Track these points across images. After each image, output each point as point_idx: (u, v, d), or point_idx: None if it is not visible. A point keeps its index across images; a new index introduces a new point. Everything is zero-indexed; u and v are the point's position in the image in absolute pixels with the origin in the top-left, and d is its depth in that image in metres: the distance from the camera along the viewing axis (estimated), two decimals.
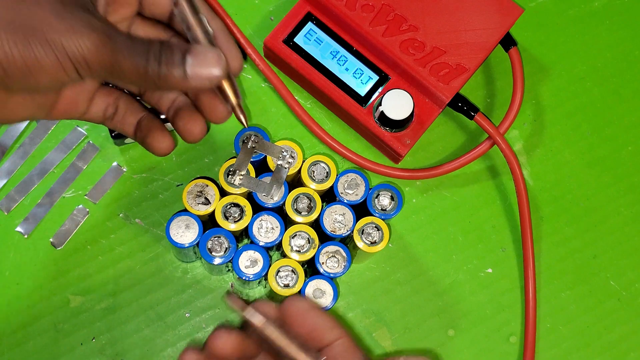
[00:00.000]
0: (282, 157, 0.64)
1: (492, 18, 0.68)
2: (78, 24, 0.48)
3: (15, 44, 0.47)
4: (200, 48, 0.51)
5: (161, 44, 0.51)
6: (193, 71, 0.51)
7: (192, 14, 0.53)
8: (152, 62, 0.50)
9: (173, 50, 0.51)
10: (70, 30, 0.48)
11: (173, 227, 0.63)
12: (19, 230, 0.68)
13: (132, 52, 0.50)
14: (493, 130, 0.69)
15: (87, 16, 0.49)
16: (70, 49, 0.48)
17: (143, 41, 0.51)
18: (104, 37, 0.49)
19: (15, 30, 0.47)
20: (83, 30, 0.48)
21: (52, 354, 0.66)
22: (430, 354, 0.68)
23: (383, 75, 0.69)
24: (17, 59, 0.47)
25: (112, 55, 0.49)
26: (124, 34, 0.51)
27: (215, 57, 0.51)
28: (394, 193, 0.65)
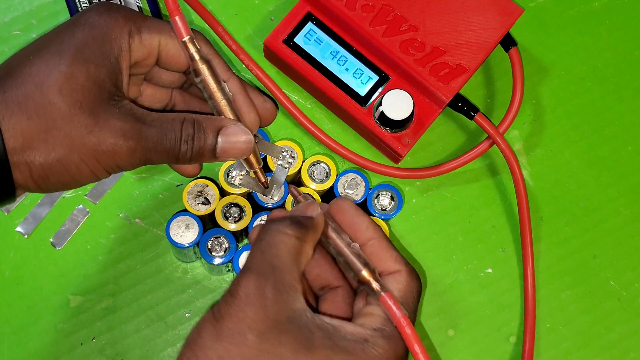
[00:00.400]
0: (282, 157, 0.64)
1: (492, 18, 0.68)
2: (110, 137, 0.51)
3: (51, 166, 0.51)
4: (231, 128, 0.56)
5: (193, 126, 0.54)
6: (223, 151, 0.56)
7: (214, 84, 0.57)
8: (183, 149, 0.54)
9: (206, 135, 0.55)
10: (103, 144, 0.51)
11: (173, 227, 0.63)
12: (19, 230, 0.67)
13: (164, 146, 0.53)
14: (493, 130, 0.68)
15: (117, 122, 0.52)
16: (103, 161, 0.52)
17: (175, 128, 0.54)
18: (135, 141, 0.52)
19: (51, 150, 0.50)
20: (115, 143, 0.51)
21: (52, 354, 0.66)
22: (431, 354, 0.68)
23: (383, 75, 0.68)
24: (52, 177, 0.51)
25: (143, 155, 0.53)
26: (155, 123, 0.53)
27: (245, 138, 0.56)
28: (393, 193, 0.65)
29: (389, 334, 0.51)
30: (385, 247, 0.55)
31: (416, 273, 0.55)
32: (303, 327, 0.49)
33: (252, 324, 0.48)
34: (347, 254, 0.53)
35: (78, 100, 0.51)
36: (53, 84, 0.50)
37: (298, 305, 0.49)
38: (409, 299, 0.53)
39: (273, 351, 0.48)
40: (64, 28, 0.54)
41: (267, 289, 0.49)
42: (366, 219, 0.56)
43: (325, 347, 0.48)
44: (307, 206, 0.55)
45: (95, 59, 0.52)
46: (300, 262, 0.51)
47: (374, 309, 0.53)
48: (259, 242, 0.52)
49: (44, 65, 0.51)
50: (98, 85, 0.52)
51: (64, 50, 0.52)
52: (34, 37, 0.70)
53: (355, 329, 0.50)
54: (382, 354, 0.50)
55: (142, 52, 0.55)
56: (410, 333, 0.50)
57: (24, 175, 0.51)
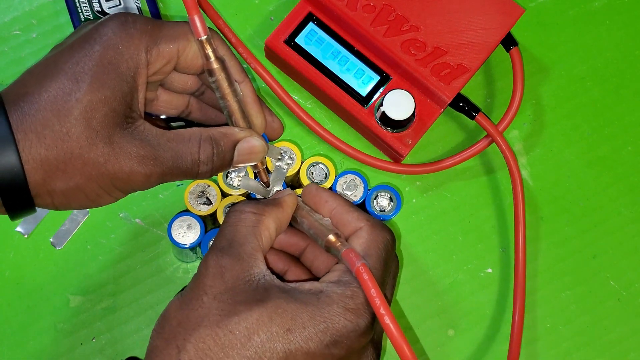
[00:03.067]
0: (281, 159, 0.64)
1: (493, 18, 0.68)
2: (126, 165, 0.53)
3: (72, 193, 0.52)
4: (247, 142, 0.58)
5: (212, 146, 0.56)
6: (239, 162, 0.58)
7: (227, 86, 0.58)
8: (202, 170, 0.56)
9: (225, 153, 0.57)
10: (120, 172, 0.52)
11: (175, 228, 0.62)
12: (19, 230, 0.67)
13: (181, 168, 0.55)
14: (492, 128, 0.68)
15: (133, 148, 0.53)
16: (120, 186, 0.53)
17: (192, 148, 0.55)
18: (151, 167, 0.53)
19: (70, 178, 0.52)
20: (131, 170, 0.53)
21: (52, 354, 0.66)
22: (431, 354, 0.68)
23: (384, 76, 0.68)
24: (73, 203, 0.53)
25: (160, 178, 0.55)
26: (171, 144, 0.54)
27: (259, 148, 0.58)
28: (392, 194, 0.65)
29: (344, 282, 0.53)
30: (346, 211, 0.58)
31: (381, 224, 0.57)
32: (260, 287, 0.52)
33: (209, 289, 0.51)
34: (315, 226, 0.57)
35: (94, 129, 0.51)
36: (70, 113, 0.51)
37: (256, 270, 0.53)
38: (372, 250, 0.55)
39: (227, 309, 0.50)
40: (78, 46, 0.53)
41: (223, 260, 0.52)
42: (325, 193, 0.59)
43: (279, 299, 0.51)
44: (277, 192, 0.61)
45: (110, 82, 0.52)
46: (259, 233, 0.55)
47: (336, 267, 0.55)
48: (222, 225, 0.56)
49: (60, 92, 0.51)
50: (113, 110, 0.52)
51: (80, 76, 0.52)
52: (34, 37, 0.71)
53: (313, 285, 0.53)
54: (336, 301, 0.51)
55: (161, 63, 0.56)
56: (367, 279, 0.52)
57: (46, 202, 0.53)
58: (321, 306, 0.51)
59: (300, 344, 0.50)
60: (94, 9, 0.70)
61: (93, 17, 0.69)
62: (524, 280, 0.68)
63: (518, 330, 0.67)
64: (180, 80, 0.61)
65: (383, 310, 0.51)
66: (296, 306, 0.51)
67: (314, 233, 0.57)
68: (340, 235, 0.56)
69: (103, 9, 0.70)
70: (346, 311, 0.51)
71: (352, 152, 0.69)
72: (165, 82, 0.60)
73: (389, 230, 0.57)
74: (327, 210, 0.58)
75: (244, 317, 0.50)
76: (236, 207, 0.57)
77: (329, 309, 0.51)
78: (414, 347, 0.68)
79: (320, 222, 0.57)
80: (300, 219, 0.59)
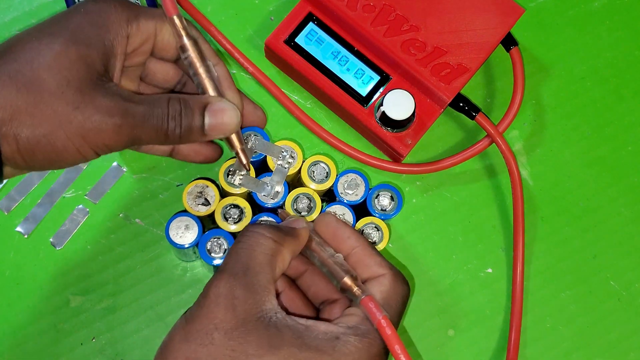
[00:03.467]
0: (282, 157, 0.64)
1: (493, 18, 0.68)
2: (95, 114, 0.52)
3: (38, 140, 0.51)
4: (217, 104, 0.57)
5: (180, 103, 0.55)
6: (211, 127, 0.57)
7: (199, 60, 0.58)
8: (171, 126, 0.55)
9: (193, 111, 0.56)
10: (88, 121, 0.52)
11: (173, 228, 0.62)
12: (19, 230, 0.67)
13: (151, 123, 0.54)
14: (492, 129, 0.68)
15: (104, 99, 0.53)
16: (89, 139, 0.52)
17: (161, 105, 0.55)
18: (122, 118, 0.53)
19: (38, 124, 0.51)
20: (101, 120, 0.52)
21: (52, 354, 0.66)
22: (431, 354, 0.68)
23: (384, 76, 0.68)
24: (39, 153, 0.52)
25: (131, 132, 0.54)
26: (141, 102, 0.54)
27: (231, 113, 0.57)
28: (393, 193, 0.65)
29: (362, 331, 0.51)
30: (368, 254, 0.56)
31: (402, 276, 0.56)
32: (271, 327, 0.50)
33: (220, 323, 0.49)
34: (329, 264, 0.55)
35: (66, 78, 0.52)
36: (43, 61, 0.52)
37: (268, 306, 0.51)
38: (392, 301, 0.54)
39: (239, 349, 0.49)
40: (62, 14, 0.55)
41: (237, 290, 0.50)
42: (347, 229, 0.58)
43: (292, 345, 0.49)
44: (293, 220, 0.58)
45: (87, 40, 0.54)
46: (275, 264, 0.53)
47: (353, 310, 0.54)
48: (237, 244, 0.54)
49: (37, 43, 0.53)
50: (87, 65, 0.53)
51: (59, 32, 0.53)
52: None
53: (328, 328, 0.51)
54: (352, 351, 0.50)
55: (140, 38, 0.57)
56: (390, 334, 0.51)
57: (12, 148, 0.51)
58: (337, 356, 0.49)
59: None
60: None
61: None
62: (522, 281, 0.68)
63: (516, 330, 0.67)
64: (161, 70, 0.61)
65: None
66: (311, 355, 0.49)
67: (328, 271, 0.55)
68: (356, 277, 0.54)
69: None
70: None
71: (352, 152, 0.69)
72: (147, 75, 0.61)
73: (407, 282, 0.56)
74: (347, 248, 0.57)
75: None
76: (256, 229, 0.55)
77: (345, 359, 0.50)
78: (413, 348, 0.68)
79: (335, 260, 0.55)
80: (310, 252, 0.57)
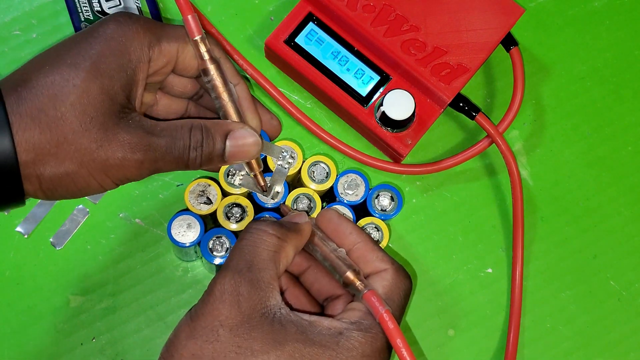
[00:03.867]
0: (282, 158, 0.64)
1: (493, 18, 0.68)
2: (118, 151, 0.52)
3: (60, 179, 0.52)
4: (239, 132, 0.57)
5: (202, 132, 0.55)
6: (232, 154, 0.57)
7: (222, 85, 0.58)
8: (192, 156, 0.55)
9: (215, 139, 0.56)
10: (111, 158, 0.52)
11: (174, 227, 0.62)
12: (19, 230, 0.67)
13: (173, 155, 0.54)
14: (492, 129, 0.68)
15: (126, 135, 0.52)
16: (111, 174, 0.53)
17: (183, 136, 0.54)
18: (144, 154, 0.53)
19: (61, 164, 0.51)
20: (123, 157, 0.52)
21: (52, 354, 0.66)
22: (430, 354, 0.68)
23: (384, 76, 0.68)
24: (61, 189, 0.52)
25: (152, 165, 0.54)
26: (163, 134, 0.54)
27: (253, 141, 0.57)
28: (393, 193, 0.65)
29: (365, 326, 0.52)
30: (370, 249, 0.57)
31: (404, 271, 0.56)
32: (276, 323, 0.50)
33: (225, 320, 0.50)
34: (332, 259, 0.55)
35: (89, 115, 0.51)
36: (66, 98, 0.51)
37: (272, 302, 0.51)
38: (395, 295, 0.54)
39: (244, 345, 0.49)
40: (81, 38, 0.54)
41: (241, 286, 0.51)
42: (349, 225, 0.58)
43: (297, 341, 0.50)
44: (295, 215, 0.58)
45: (109, 71, 0.53)
46: (278, 261, 0.53)
47: (356, 305, 0.54)
48: (240, 241, 0.54)
49: (58, 77, 0.51)
50: (110, 98, 0.52)
51: (80, 63, 0.52)
52: (34, 37, 0.71)
53: (331, 323, 0.52)
54: (356, 346, 0.51)
55: (162, 61, 0.56)
56: (392, 328, 0.51)
57: (34, 187, 0.52)
58: (340, 351, 0.50)
59: None
60: (94, 9, 0.70)
61: (93, 18, 0.69)
62: (521, 281, 0.68)
63: (515, 330, 0.67)
64: (179, 83, 0.61)
65: None
66: (315, 351, 0.49)
67: (330, 265, 0.56)
68: (359, 272, 0.55)
69: (103, 9, 0.70)
70: (364, 357, 0.51)
71: (352, 153, 0.69)
72: (165, 86, 0.60)
73: (410, 277, 0.56)
74: (349, 243, 0.57)
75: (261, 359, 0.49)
76: (259, 226, 0.55)
77: (348, 354, 0.50)
78: (413, 347, 0.68)
79: (337, 255, 0.56)
80: (312, 246, 0.57)
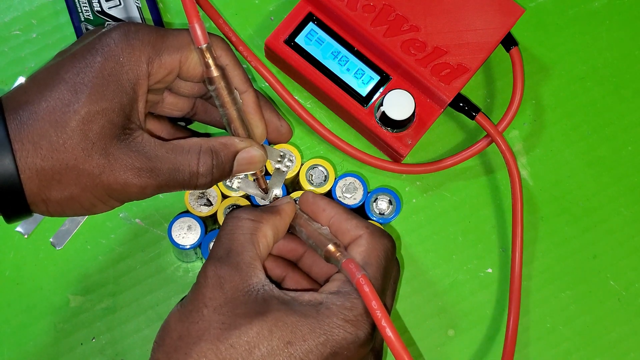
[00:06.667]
0: (280, 161, 0.64)
1: (493, 18, 0.68)
2: (121, 176, 0.53)
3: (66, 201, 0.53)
4: (246, 152, 0.57)
5: (212, 158, 0.56)
6: (237, 171, 0.58)
7: (227, 94, 0.57)
8: (202, 182, 0.56)
9: (225, 164, 0.57)
10: (115, 183, 0.53)
11: (175, 229, 0.62)
12: (19, 230, 0.67)
13: (178, 179, 0.55)
14: (492, 129, 0.68)
15: (129, 160, 0.53)
16: (116, 196, 0.54)
17: (191, 160, 0.55)
18: (147, 178, 0.53)
19: (65, 189, 0.52)
20: (126, 182, 0.53)
21: (52, 354, 0.66)
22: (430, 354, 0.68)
23: (384, 76, 0.68)
24: (68, 210, 0.54)
25: (156, 189, 0.54)
26: (168, 158, 0.54)
27: (258, 158, 0.58)
28: (392, 197, 0.65)
29: (344, 293, 0.53)
30: (345, 219, 0.58)
31: (380, 231, 0.57)
32: (259, 298, 0.52)
33: (209, 301, 0.51)
34: (315, 236, 0.57)
35: (91, 141, 0.52)
36: (67, 125, 0.51)
37: (255, 280, 0.53)
38: (372, 259, 0.55)
39: (228, 322, 0.50)
40: (80, 55, 0.54)
41: (222, 270, 0.52)
42: (323, 201, 0.59)
43: (278, 311, 0.51)
44: (276, 200, 0.60)
45: (109, 94, 0.53)
46: (257, 241, 0.55)
47: (337, 276, 0.55)
48: (220, 232, 0.56)
49: (59, 102, 0.52)
50: (111, 121, 0.52)
51: (79, 87, 0.52)
52: (34, 37, 0.71)
53: (312, 296, 0.53)
54: (335, 313, 0.51)
55: (162, 73, 0.56)
56: (367, 291, 0.52)
57: (41, 209, 0.53)
58: (321, 318, 0.51)
59: (300, 357, 0.50)
60: (93, 9, 0.70)
61: (93, 18, 0.69)
62: (519, 281, 0.68)
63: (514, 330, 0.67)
64: (186, 86, 0.60)
65: (385, 322, 0.51)
66: (296, 319, 0.51)
67: (313, 242, 0.57)
68: (339, 244, 0.56)
69: (103, 9, 0.70)
70: (345, 323, 0.51)
71: (352, 152, 0.69)
72: (172, 87, 0.60)
73: (389, 236, 0.57)
74: (325, 219, 0.58)
75: (244, 331, 0.50)
76: (233, 214, 0.57)
77: (329, 321, 0.51)
78: (413, 347, 0.68)
79: (320, 231, 0.57)
80: (298, 228, 0.58)
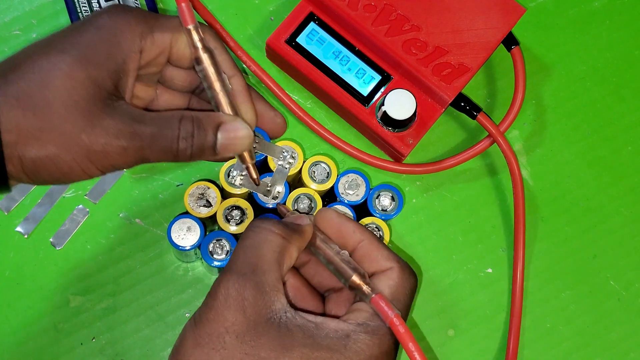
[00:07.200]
0: (283, 158, 0.64)
1: (494, 18, 0.68)
2: (101, 137, 0.51)
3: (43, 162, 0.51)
4: (231, 124, 0.56)
5: (192, 123, 0.54)
6: (223, 147, 0.56)
7: (214, 74, 0.57)
8: (182, 147, 0.54)
9: (206, 131, 0.55)
10: (95, 144, 0.51)
11: (174, 230, 0.62)
12: (19, 230, 0.67)
13: (160, 144, 0.53)
14: (494, 129, 0.68)
15: (111, 121, 0.52)
16: (95, 161, 0.52)
17: (172, 126, 0.54)
18: (129, 140, 0.52)
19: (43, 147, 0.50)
20: (106, 142, 0.51)
21: (52, 354, 0.66)
22: (430, 354, 0.68)
23: (385, 75, 0.68)
24: (44, 173, 0.51)
25: (138, 153, 0.53)
26: (151, 122, 0.53)
27: (244, 133, 0.56)
28: (394, 193, 0.65)
29: (372, 328, 0.51)
30: (375, 247, 0.56)
31: (410, 268, 0.56)
32: (282, 327, 0.49)
33: (231, 326, 0.49)
34: (336, 262, 0.55)
35: (74, 99, 0.51)
36: (51, 82, 0.51)
37: (278, 306, 0.50)
38: (401, 295, 0.54)
39: (251, 353, 0.48)
40: (73, 28, 0.54)
41: (246, 291, 0.50)
42: (352, 223, 0.57)
43: (304, 346, 0.49)
44: (297, 217, 0.57)
45: (97, 59, 0.52)
46: (283, 262, 0.53)
47: (362, 305, 0.53)
48: (243, 240, 0.53)
49: (46, 62, 0.51)
50: (97, 85, 0.52)
51: (68, 49, 0.52)
52: (34, 37, 0.71)
53: (338, 325, 0.51)
54: (364, 349, 0.50)
55: (154, 52, 0.56)
56: (403, 332, 0.51)
57: (16, 168, 0.51)
58: (348, 354, 0.49)
59: None
60: (93, 9, 0.70)
61: None
62: (522, 280, 0.68)
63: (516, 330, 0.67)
64: (178, 76, 0.60)
65: None
66: (323, 355, 0.49)
67: (334, 269, 0.55)
68: (363, 274, 0.54)
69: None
70: (372, 359, 0.50)
71: (353, 152, 0.69)
72: (165, 80, 0.60)
73: (415, 274, 0.56)
74: (353, 242, 0.56)
75: None
76: (263, 224, 0.54)
77: (356, 358, 0.50)
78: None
79: (341, 257, 0.55)
80: (315, 250, 0.56)
